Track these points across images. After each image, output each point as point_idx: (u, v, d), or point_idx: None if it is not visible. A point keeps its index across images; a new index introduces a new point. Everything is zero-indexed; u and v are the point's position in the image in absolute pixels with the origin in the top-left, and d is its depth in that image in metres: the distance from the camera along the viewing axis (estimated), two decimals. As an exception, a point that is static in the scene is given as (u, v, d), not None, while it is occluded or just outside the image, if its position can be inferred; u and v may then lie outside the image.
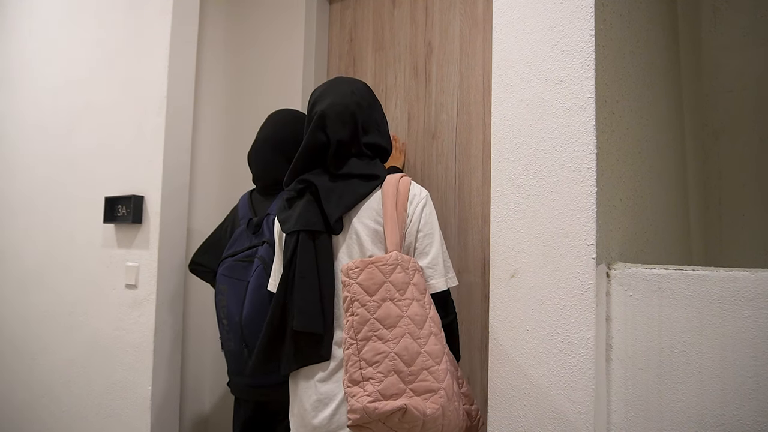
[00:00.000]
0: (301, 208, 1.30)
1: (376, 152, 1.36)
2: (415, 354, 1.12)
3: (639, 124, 1.32)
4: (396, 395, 1.09)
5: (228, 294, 1.61)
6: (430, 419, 1.09)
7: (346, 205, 1.27)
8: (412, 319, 1.14)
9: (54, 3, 2.48)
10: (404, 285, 1.17)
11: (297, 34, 2.15)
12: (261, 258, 1.57)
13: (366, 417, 1.08)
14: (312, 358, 1.26)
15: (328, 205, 1.27)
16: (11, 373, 2.47)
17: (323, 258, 1.27)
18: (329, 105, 1.31)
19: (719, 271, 0.95)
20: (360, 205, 1.28)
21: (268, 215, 1.63)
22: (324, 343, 1.25)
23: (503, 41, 1.21)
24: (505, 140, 1.18)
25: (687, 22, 1.81)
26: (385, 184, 1.29)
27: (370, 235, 1.26)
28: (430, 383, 1.11)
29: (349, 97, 1.32)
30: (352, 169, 1.30)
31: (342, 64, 2.20)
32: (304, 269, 1.26)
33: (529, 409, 1.10)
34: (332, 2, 2.25)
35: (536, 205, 1.12)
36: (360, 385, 1.11)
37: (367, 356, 1.12)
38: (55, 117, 2.40)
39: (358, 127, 1.31)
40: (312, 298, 1.24)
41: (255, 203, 1.73)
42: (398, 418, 1.08)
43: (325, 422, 1.23)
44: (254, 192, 1.78)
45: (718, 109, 1.81)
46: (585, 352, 1.04)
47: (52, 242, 2.33)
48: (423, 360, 1.12)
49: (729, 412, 0.93)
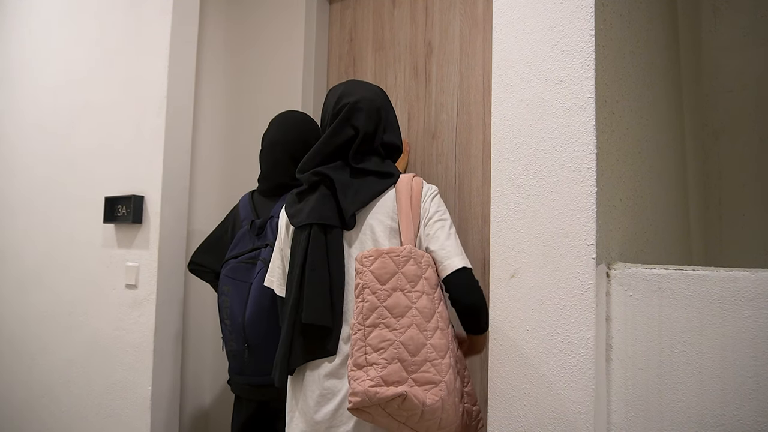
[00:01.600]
0: (315, 201, 1.31)
1: (390, 152, 1.40)
2: (420, 345, 1.13)
3: (639, 124, 1.32)
4: (398, 383, 1.11)
5: (231, 295, 1.63)
6: (428, 410, 1.10)
7: (362, 201, 1.30)
8: (421, 311, 1.16)
9: (54, 2, 2.48)
10: (416, 278, 1.19)
11: (297, 34, 2.15)
12: (264, 260, 1.58)
13: (366, 400, 1.09)
14: (319, 353, 1.26)
15: (344, 200, 1.29)
16: (11, 374, 2.47)
17: (335, 252, 1.28)
18: (360, 99, 1.35)
19: (719, 271, 0.95)
20: (375, 202, 1.31)
21: (272, 218, 1.64)
22: (332, 338, 1.26)
23: (503, 41, 1.21)
24: (505, 140, 1.18)
25: (687, 22, 1.81)
26: (399, 182, 1.32)
27: (385, 231, 1.28)
28: (432, 375, 1.12)
29: (376, 95, 1.39)
30: (370, 166, 1.33)
31: (342, 64, 2.20)
32: (315, 262, 1.26)
33: (529, 409, 1.10)
34: (332, 2, 2.25)
35: (536, 205, 1.12)
36: (363, 370, 1.13)
37: (373, 342, 1.14)
38: (54, 116, 2.39)
39: (381, 125, 1.36)
40: (322, 292, 1.25)
41: (257, 204, 1.73)
42: (398, 404, 1.10)
43: (328, 417, 1.24)
44: (255, 193, 1.78)
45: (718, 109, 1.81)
46: (585, 352, 1.04)
47: (51, 242, 2.33)
48: (427, 352, 1.14)
49: (729, 412, 0.93)
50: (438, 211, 1.30)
